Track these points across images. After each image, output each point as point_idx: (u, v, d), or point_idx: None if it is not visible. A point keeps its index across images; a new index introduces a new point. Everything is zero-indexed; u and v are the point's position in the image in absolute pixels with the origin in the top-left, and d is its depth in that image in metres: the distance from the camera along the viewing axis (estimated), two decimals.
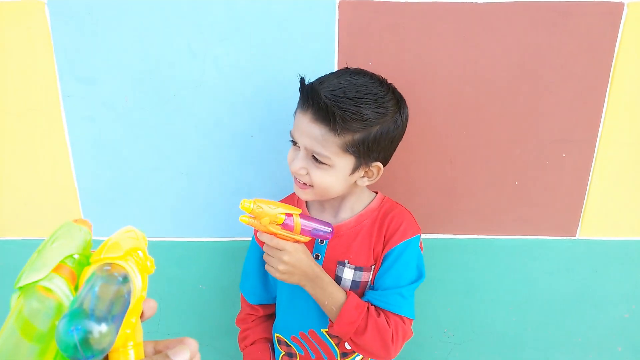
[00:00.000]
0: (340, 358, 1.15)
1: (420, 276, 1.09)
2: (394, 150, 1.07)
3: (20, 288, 0.41)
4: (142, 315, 0.48)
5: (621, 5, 1.15)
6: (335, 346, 1.14)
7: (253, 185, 1.31)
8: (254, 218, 0.94)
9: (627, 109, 1.23)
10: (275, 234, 0.97)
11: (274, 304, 1.24)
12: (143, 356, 0.46)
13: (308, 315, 1.13)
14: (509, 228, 1.36)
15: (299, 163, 1.01)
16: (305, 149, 0.99)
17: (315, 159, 0.99)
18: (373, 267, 1.10)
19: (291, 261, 0.98)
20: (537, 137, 1.26)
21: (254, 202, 0.92)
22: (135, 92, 1.22)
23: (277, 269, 0.99)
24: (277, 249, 0.97)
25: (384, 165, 1.06)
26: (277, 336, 1.20)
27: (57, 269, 0.43)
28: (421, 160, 1.28)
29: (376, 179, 1.07)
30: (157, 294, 1.43)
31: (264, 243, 0.99)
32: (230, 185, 1.31)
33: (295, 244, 0.98)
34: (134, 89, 1.22)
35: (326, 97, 0.94)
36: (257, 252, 1.19)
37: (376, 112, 0.97)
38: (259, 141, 1.27)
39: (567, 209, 1.33)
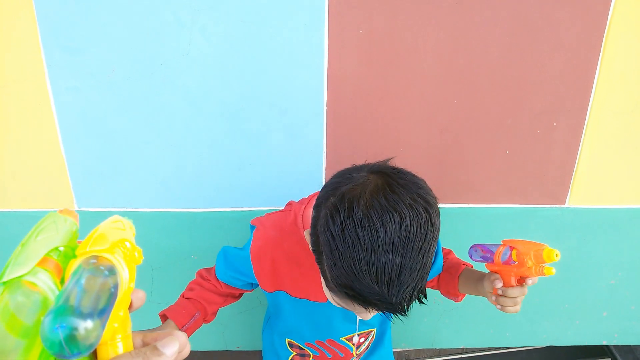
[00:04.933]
0: (354, 350, 1.14)
1: None
2: None
3: (4, 283, 0.40)
4: (130, 306, 0.47)
5: None
6: (352, 346, 1.13)
7: (243, 155, 1.31)
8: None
9: (618, 78, 1.22)
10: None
11: (241, 293, 1.17)
12: (132, 348, 0.45)
13: (327, 328, 1.09)
14: (499, 197, 1.36)
15: (372, 315, 0.83)
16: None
17: None
18: None
19: None
20: (528, 106, 1.26)
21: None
22: (122, 61, 1.20)
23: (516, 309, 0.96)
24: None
25: None
26: (288, 341, 1.16)
27: (42, 262, 0.42)
28: (412, 130, 1.28)
29: None
30: (149, 264, 1.44)
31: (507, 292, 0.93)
32: (219, 156, 1.30)
33: None
34: (120, 58, 1.20)
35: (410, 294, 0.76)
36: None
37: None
38: (249, 112, 1.26)
39: (557, 177, 1.34)
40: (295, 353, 1.18)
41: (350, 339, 1.14)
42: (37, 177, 1.32)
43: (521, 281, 0.93)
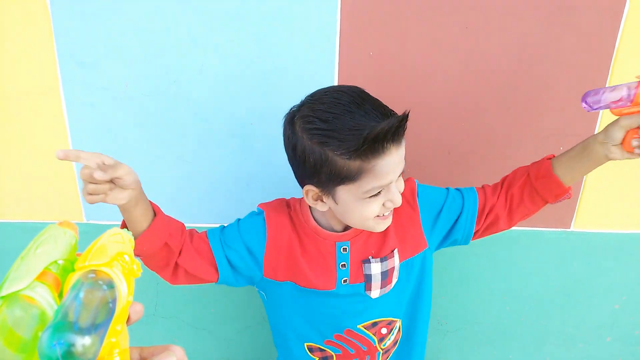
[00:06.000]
0: (378, 343, 1.13)
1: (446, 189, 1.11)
2: None
3: (2, 297, 0.40)
4: (128, 320, 0.47)
5: (623, 0, 1.15)
6: (373, 336, 1.11)
7: (252, 172, 1.32)
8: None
9: None
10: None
11: (216, 272, 1.05)
12: None
13: (341, 317, 1.09)
14: None
15: (399, 192, 0.95)
16: (398, 174, 0.93)
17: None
18: (426, 248, 1.09)
19: None
20: (535, 129, 1.27)
21: None
22: (135, 77, 1.22)
23: None
24: None
25: None
26: (307, 345, 1.13)
27: (41, 275, 0.42)
28: (419, 151, 1.29)
29: None
30: (155, 278, 1.44)
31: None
32: (229, 172, 1.32)
33: None
34: (134, 74, 1.22)
35: (392, 112, 0.91)
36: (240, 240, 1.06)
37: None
38: (259, 129, 1.27)
39: (563, 201, 1.34)
40: (317, 358, 1.15)
41: (368, 328, 1.11)
42: (48, 189, 1.34)
43: None
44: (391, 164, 0.89)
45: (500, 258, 1.42)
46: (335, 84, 1.22)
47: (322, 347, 1.13)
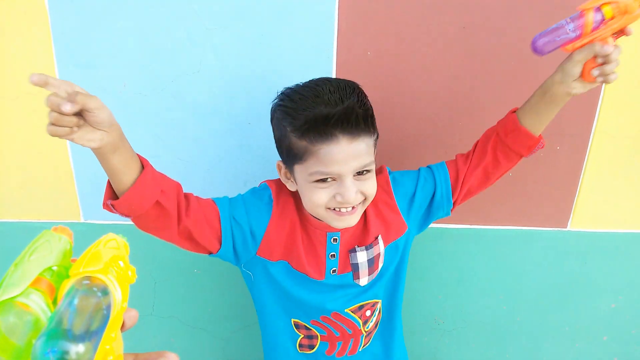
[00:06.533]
0: (362, 326, 1.15)
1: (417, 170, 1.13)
2: None
3: None
4: (122, 326, 0.47)
5: None
6: (358, 319, 1.13)
7: (250, 172, 1.32)
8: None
9: (621, 104, 1.24)
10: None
11: (215, 232, 1.02)
12: None
13: (329, 303, 1.11)
14: (501, 219, 1.38)
15: (353, 189, 0.94)
16: (353, 171, 0.94)
17: (360, 173, 0.96)
18: (407, 230, 1.11)
19: None
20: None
21: None
22: (133, 77, 1.22)
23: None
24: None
25: None
26: (294, 321, 1.15)
27: (35, 282, 0.42)
28: (417, 150, 1.29)
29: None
30: (152, 278, 1.44)
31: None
32: (227, 172, 1.32)
33: None
34: (132, 74, 1.22)
35: (358, 107, 0.92)
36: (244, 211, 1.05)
37: (366, 95, 0.98)
38: (257, 128, 1.27)
39: (559, 201, 1.35)
40: (302, 335, 1.16)
41: (355, 311, 1.12)
42: (45, 189, 1.34)
43: (616, 36, 0.83)
44: (338, 153, 0.91)
45: (497, 257, 1.42)
46: None
47: (308, 326, 1.14)
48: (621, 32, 0.84)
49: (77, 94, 0.71)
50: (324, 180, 0.95)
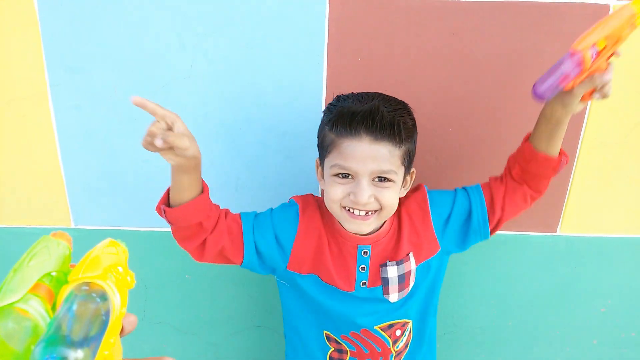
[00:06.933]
0: (392, 346, 1.15)
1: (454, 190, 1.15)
2: None
3: None
4: (121, 331, 0.47)
5: (607, 7, 1.16)
6: (388, 338, 1.14)
7: (241, 177, 1.32)
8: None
9: (609, 109, 1.25)
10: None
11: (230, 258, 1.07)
12: None
13: (359, 316, 1.11)
14: None
15: (368, 191, 0.96)
16: (371, 173, 0.97)
17: (381, 180, 0.98)
18: (439, 250, 1.13)
19: None
20: (522, 133, 1.28)
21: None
22: (124, 82, 1.22)
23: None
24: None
25: None
26: (326, 333, 1.16)
27: (34, 288, 0.42)
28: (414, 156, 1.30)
29: (410, 186, 1.10)
30: (143, 283, 1.44)
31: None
32: (218, 177, 1.32)
33: None
34: (122, 79, 1.22)
35: (387, 112, 0.96)
36: (270, 226, 1.09)
37: (412, 120, 1.03)
38: (248, 134, 1.28)
39: (549, 206, 1.36)
40: (333, 348, 1.16)
41: (384, 329, 1.13)
42: (35, 194, 1.33)
43: (611, 57, 0.87)
44: (359, 151, 0.95)
45: (488, 262, 1.42)
46: (324, 88, 1.23)
47: (338, 340, 1.15)
48: (613, 54, 0.88)
49: (169, 134, 0.82)
50: (343, 177, 0.99)
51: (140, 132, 1.25)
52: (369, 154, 0.95)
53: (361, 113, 0.96)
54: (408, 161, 1.03)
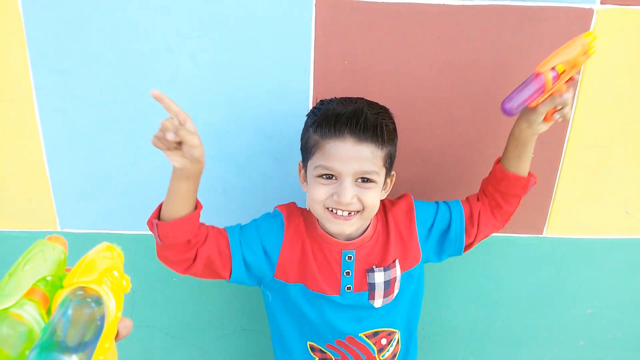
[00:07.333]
0: (377, 354, 1.16)
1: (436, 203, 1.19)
2: None
3: None
4: (117, 336, 0.47)
5: (591, 11, 1.17)
6: (373, 345, 1.15)
7: (228, 180, 1.32)
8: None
9: (594, 112, 1.26)
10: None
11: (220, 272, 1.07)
12: None
13: (344, 324, 1.13)
14: None
15: (351, 191, 0.98)
16: (354, 174, 0.99)
17: (363, 180, 1.00)
18: (421, 260, 1.16)
19: None
20: (507, 137, 1.29)
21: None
22: (110, 84, 1.22)
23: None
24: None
25: None
26: (309, 344, 1.17)
27: (29, 292, 0.42)
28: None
29: (390, 189, 1.12)
30: (131, 287, 1.43)
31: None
32: (205, 180, 1.30)
33: None
34: (108, 81, 1.21)
35: (371, 114, 1.00)
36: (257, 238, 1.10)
37: (393, 124, 1.06)
38: (235, 137, 1.27)
39: (535, 207, 1.36)
40: (317, 358, 1.17)
41: (369, 337, 1.14)
42: (21, 197, 1.32)
43: (569, 81, 0.99)
44: (343, 151, 0.98)
45: (475, 264, 1.43)
46: (311, 92, 1.23)
47: (323, 349, 1.16)
48: (571, 79, 1.00)
49: (182, 129, 0.84)
50: (326, 177, 1.01)
51: (126, 135, 1.26)
52: (353, 155, 0.97)
53: (346, 115, 0.98)
54: (389, 163, 1.05)
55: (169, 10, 1.16)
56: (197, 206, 0.99)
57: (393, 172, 1.10)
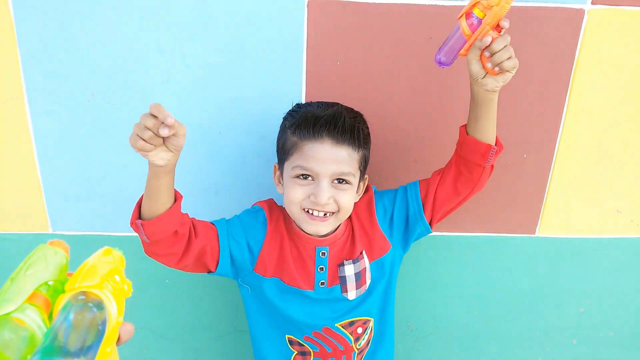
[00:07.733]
0: (354, 343, 1.18)
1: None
2: None
3: None
4: (118, 340, 0.47)
5: (582, 11, 1.18)
6: (350, 335, 1.17)
7: (219, 181, 1.32)
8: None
9: (586, 112, 1.27)
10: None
11: (217, 251, 1.08)
12: None
13: (320, 316, 1.15)
14: (471, 226, 1.39)
15: (328, 192, 1.02)
16: (331, 175, 1.02)
17: (339, 182, 1.04)
18: (391, 248, 1.18)
19: None
20: (499, 138, 1.29)
21: None
22: (101, 87, 1.21)
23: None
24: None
25: None
26: (288, 337, 1.18)
27: (31, 297, 0.42)
28: (386, 159, 1.30)
29: (362, 193, 1.15)
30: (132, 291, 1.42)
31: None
32: (197, 181, 1.31)
33: None
34: (100, 83, 1.21)
35: (348, 118, 1.03)
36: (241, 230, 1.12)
37: (368, 129, 1.10)
38: (227, 138, 1.27)
39: (527, 207, 1.37)
40: (296, 352, 1.19)
41: (346, 327, 1.16)
42: (13, 199, 1.31)
43: (498, 29, 0.93)
44: (321, 153, 1.01)
45: (468, 264, 1.44)
46: (303, 92, 1.24)
47: (301, 342, 1.18)
48: (499, 27, 0.94)
49: (174, 121, 0.82)
50: (304, 178, 1.03)
51: (118, 137, 1.25)
52: (330, 156, 1.01)
53: (324, 117, 1.02)
54: (363, 166, 1.09)
55: (161, 12, 1.15)
56: (177, 196, 0.98)
57: (366, 176, 1.15)
